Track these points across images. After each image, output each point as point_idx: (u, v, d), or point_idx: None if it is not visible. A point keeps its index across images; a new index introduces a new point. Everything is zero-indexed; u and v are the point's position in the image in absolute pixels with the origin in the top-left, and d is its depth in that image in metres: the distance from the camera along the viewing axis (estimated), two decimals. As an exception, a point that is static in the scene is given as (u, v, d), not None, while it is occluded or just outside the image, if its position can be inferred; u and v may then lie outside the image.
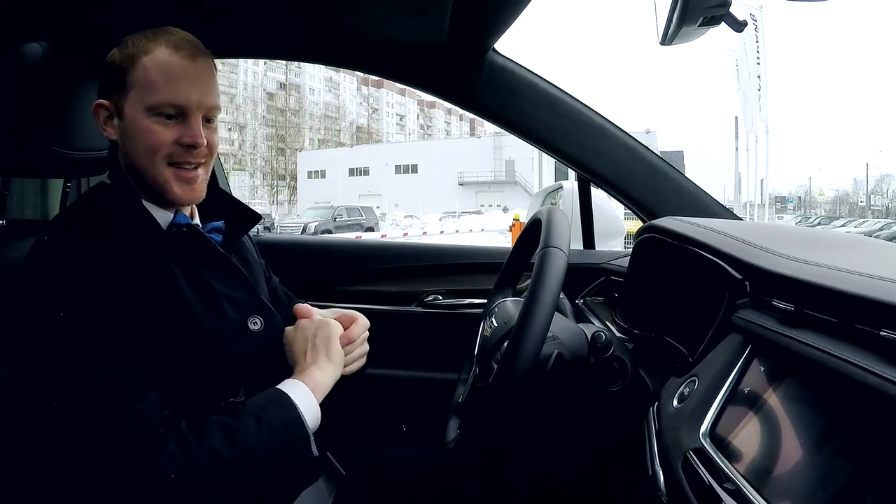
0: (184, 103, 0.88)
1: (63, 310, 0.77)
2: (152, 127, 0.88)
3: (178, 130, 0.89)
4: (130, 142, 0.89)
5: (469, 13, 1.22)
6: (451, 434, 1.08)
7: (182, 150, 0.89)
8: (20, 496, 0.86)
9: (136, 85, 0.88)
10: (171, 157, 0.89)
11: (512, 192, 42.71)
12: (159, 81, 0.87)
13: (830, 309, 0.62)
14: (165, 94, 0.87)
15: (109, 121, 0.91)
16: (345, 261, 1.81)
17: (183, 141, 0.89)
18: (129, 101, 0.88)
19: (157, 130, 0.88)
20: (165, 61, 0.88)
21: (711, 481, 0.62)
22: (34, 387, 0.79)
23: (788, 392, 0.64)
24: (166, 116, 0.88)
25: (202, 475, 0.76)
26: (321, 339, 0.95)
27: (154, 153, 0.88)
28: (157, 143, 0.88)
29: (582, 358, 0.97)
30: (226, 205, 1.04)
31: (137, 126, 0.88)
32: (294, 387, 0.88)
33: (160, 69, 0.87)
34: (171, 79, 0.87)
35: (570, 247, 0.91)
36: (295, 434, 0.84)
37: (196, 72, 0.89)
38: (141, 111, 0.88)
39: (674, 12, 0.72)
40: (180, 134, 0.89)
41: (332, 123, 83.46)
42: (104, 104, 0.91)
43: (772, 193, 39.40)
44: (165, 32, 0.90)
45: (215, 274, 0.93)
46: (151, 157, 0.89)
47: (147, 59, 0.87)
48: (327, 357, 0.94)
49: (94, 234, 0.83)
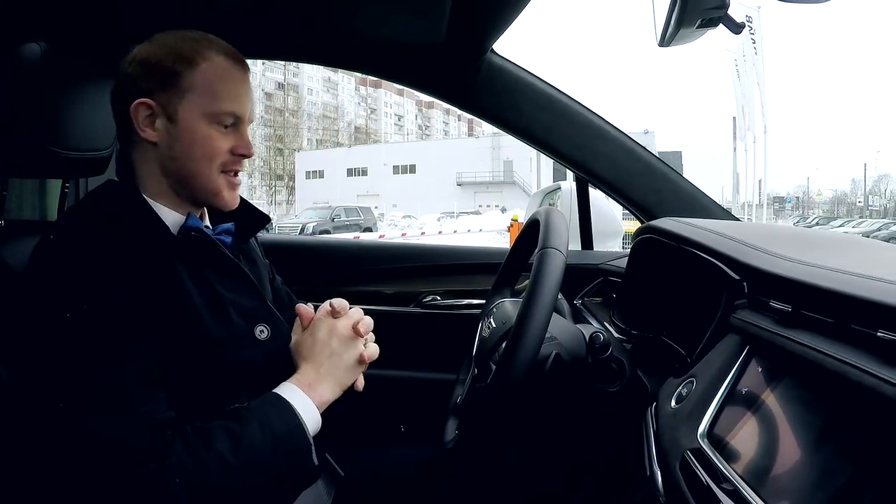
0: (241, 114, 0.91)
1: (69, 310, 0.76)
2: (212, 134, 0.89)
3: (233, 139, 0.91)
4: (183, 146, 0.88)
5: (467, 14, 1.22)
6: (450, 435, 1.08)
7: (234, 158, 0.92)
8: (22, 497, 0.86)
9: (196, 89, 0.87)
10: (225, 166, 0.91)
11: (510, 193, 42.74)
12: (222, 90, 0.89)
13: (828, 309, 0.62)
14: (228, 103, 0.89)
15: (150, 120, 0.89)
16: (343, 261, 1.81)
17: (238, 151, 0.91)
18: (186, 104, 0.88)
19: (217, 138, 0.89)
20: (227, 70, 0.89)
21: (709, 482, 0.62)
22: (38, 387, 0.78)
23: (786, 392, 0.65)
24: (224, 125, 0.90)
25: (207, 478, 0.76)
26: (331, 350, 0.93)
27: (211, 160, 0.89)
28: (215, 151, 0.89)
29: (580, 358, 0.97)
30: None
31: (196, 132, 0.88)
32: (297, 395, 0.87)
33: (222, 77, 0.89)
34: (234, 89, 0.90)
35: (568, 247, 0.91)
36: (297, 442, 0.84)
37: (247, 84, 0.93)
38: (199, 117, 0.88)
39: (672, 14, 0.72)
40: (235, 143, 0.91)
41: (330, 124, 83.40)
42: (148, 103, 0.88)
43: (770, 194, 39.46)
44: (209, 39, 0.91)
45: (224, 280, 0.92)
46: (208, 164, 0.90)
47: (207, 65, 0.88)
48: (335, 369, 0.93)
49: (101, 234, 0.82)
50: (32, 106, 0.99)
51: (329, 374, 0.92)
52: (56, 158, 1.02)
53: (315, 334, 0.94)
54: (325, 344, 0.93)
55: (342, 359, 0.93)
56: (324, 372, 0.91)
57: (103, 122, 1.08)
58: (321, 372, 0.91)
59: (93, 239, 0.81)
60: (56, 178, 1.40)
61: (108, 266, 0.79)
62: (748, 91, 17.38)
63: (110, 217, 0.86)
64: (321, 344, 0.93)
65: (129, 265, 0.81)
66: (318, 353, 0.93)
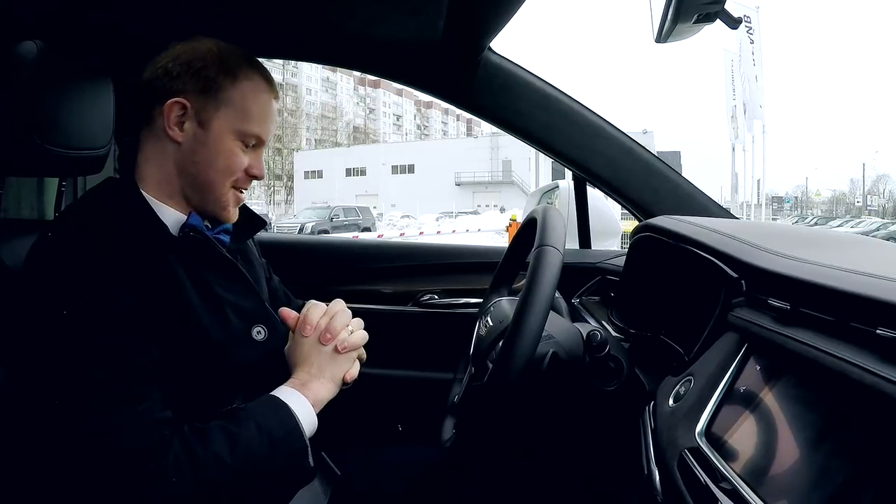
0: (265, 138, 0.95)
1: (66, 308, 0.76)
2: (236, 150, 0.92)
3: (250, 160, 0.94)
4: (206, 155, 0.90)
5: (465, 12, 1.22)
6: (447, 434, 1.08)
7: (246, 178, 0.95)
8: (22, 497, 0.85)
9: (233, 104, 0.90)
10: (237, 182, 0.94)
11: (509, 192, 42.78)
12: (257, 113, 0.92)
13: (826, 307, 0.62)
14: (258, 127, 0.93)
15: (180, 121, 0.90)
16: (341, 260, 1.81)
17: (252, 172, 0.94)
18: (221, 116, 0.90)
19: (239, 154, 0.92)
20: (264, 94, 0.93)
21: (707, 481, 0.62)
22: (35, 385, 0.78)
23: (785, 391, 0.64)
24: (247, 144, 0.93)
25: (204, 478, 0.75)
26: (319, 350, 0.93)
27: (229, 175, 0.92)
28: (235, 167, 0.92)
29: (577, 357, 0.97)
30: None
31: (222, 144, 0.90)
32: (294, 397, 0.87)
33: (259, 102, 0.93)
34: (265, 114, 0.93)
35: (565, 246, 0.91)
36: (293, 444, 0.83)
37: (274, 111, 0.97)
38: (229, 131, 0.90)
39: (668, 9, 0.72)
40: (251, 164, 0.94)
41: (328, 123, 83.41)
42: (184, 104, 0.89)
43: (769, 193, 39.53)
44: (251, 57, 0.94)
45: (221, 280, 0.92)
46: (224, 178, 0.92)
47: (249, 85, 0.91)
48: (330, 371, 0.92)
49: (99, 232, 0.82)
50: (29, 104, 0.98)
51: (320, 373, 0.91)
52: (53, 157, 1.01)
53: (304, 331, 0.94)
54: (311, 345, 0.93)
55: (329, 354, 0.93)
56: (315, 371, 0.91)
57: (100, 120, 1.08)
58: (312, 372, 0.91)
59: (91, 237, 0.81)
60: (53, 176, 1.40)
61: (106, 264, 0.79)
62: (747, 91, 17.40)
63: (109, 215, 0.85)
64: (307, 346, 0.93)
65: (127, 264, 0.81)
66: (308, 355, 0.92)
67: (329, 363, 0.92)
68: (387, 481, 1.21)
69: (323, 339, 0.93)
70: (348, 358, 0.95)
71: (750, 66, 17.06)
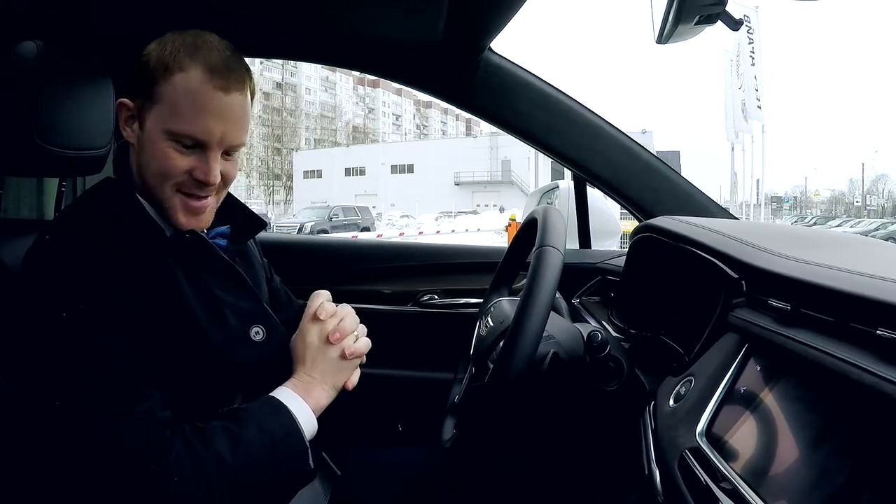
0: (204, 139, 0.84)
1: (66, 310, 0.76)
2: (168, 152, 0.84)
3: (194, 162, 0.85)
4: (144, 157, 0.86)
5: (465, 12, 1.22)
6: (447, 434, 1.08)
7: (193, 182, 0.86)
8: (22, 498, 0.85)
9: (163, 102, 0.83)
10: (181, 186, 0.86)
11: (508, 192, 42.75)
12: (185, 108, 0.82)
13: (827, 308, 0.62)
14: (189, 124, 0.83)
15: (130, 122, 0.88)
16: (340, 260, 1.81)
17: (196, 175, 0.85)
18: (152, 115, 0.84)
19: (173, 157, 0.84)
20: (196, 88, 0.82)
21: (708, 481, 0.62)
22: (35, 387, 0.78)
23: (785, 391, 0.64)
24: (184, 145, 0.84)
25: (206, 478, 0.75)
26: (324, 354, 0.93)
27: (165, 178, 0.85)
28: (170, 170, 0.84)
29: (578, 357, 0.97)
30: (232, 209, 1.00)
31: (154, 146, 0.84)
32: (295, 401, 0.87)
33: (189, 96, 0.82)
34: (198, 109, 0.82)
35: (566, 246, 0.91)
36: (294, 446, 0.83)
37: (225, 106, 0.84)
38: (160, 131, 0.83)
39: (670, 11, 0.72)
40: (194, 166, 0.85)
41: (328, 123, 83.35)
42: (127, 105, 0.87)
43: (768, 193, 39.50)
44: (207, 46, 0.84)
45: (219, 281, 0.91)
46: (161, 181, 0.85)
47: (180, 78, 0.82)
48: (332, 378, 0.92)
49: (97, 233, 0.82)
50: (29, 104, 0.98)
51: (323, 379, 0.91)
52: (52, 157, 1.01)
53: (305, 339, 0.94)
54: (317, 349, 0.93)
55: (333, 360, 0.92)
56: (318, 376, 0.91)
57: (100, 120, 1.08)
58: (315, 377, 0.91)
59: (88, 238, 0.81)
60: (53, 176, 1.39)
61: (104, 266, 0.79)
62: (746, 91, 17.39)
63: (106, 217, 0.85)
64: (313, 349, 0.93)
65: (125, 265, 0.80)
66: (311, 358, 0.92)
67: (333, 370, 0.92)
68: (387, 481, 1.20)
69: (332, 337, 0.92)
70: (351, 365, 0.95)
71: (749, 66, 17.05)
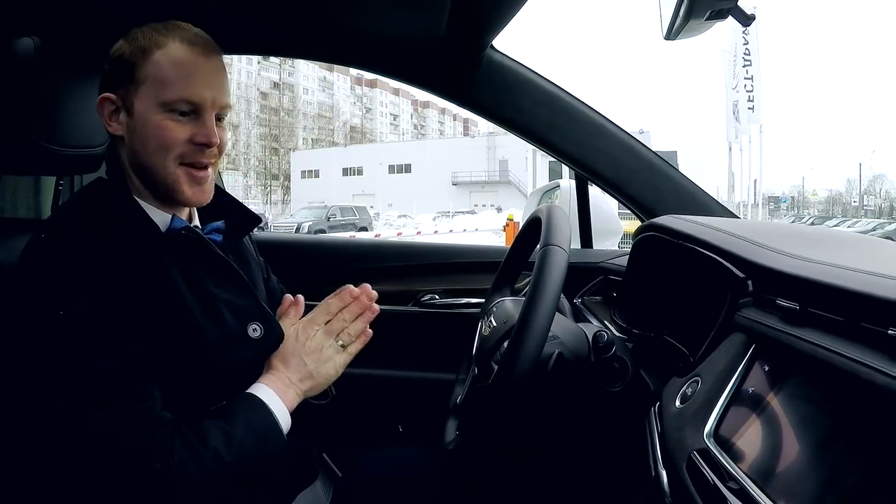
0: (199, 100, 0.86)
1: (64, 308, 0.75)
2: (165, 124, 0.85)
3: (192, 128, 0.87)
4: (140, 139, 0.87)
5: (467, 9, 1.21)
6: (450, 435, 1.07)
7: (195, 149, 0.87)
8: (24, 498, 0.85)
9: (148, 80, 0.85)
10: (184, 157, 0.87)
11: (506, 192, 42.81)
12: (174, 77, 0.85)
13: (836, 307, 0.62)
14: (180, 90, 0.85)
15: (115, 116, 0.89)
16: (339, 260, 1.80)
17: (197, 139, 0.87)
18: (140, 96, 0.86)
19: (171, 127, 0.86)
20: (180, 57, 0.85)
21: (716, 481, 0.61)
22: (35, 385, 0.77)
23: (793, 391, 0.64)
24: (180, 113, 0.86)
25: (208, 476, 0.76)
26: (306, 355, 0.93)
27: (167, 151, 0.86)
28: (170, 141, 0.86)
29: (582, 358, 0.96)
30: (226, 205, 1.01)
31: (149, 122, 0.85)
32: (270, 397, 0.87)
33: (175, 65, 0.85)
34: (186, 75, 0.85)
35: (570, 245, 0.90)
36: (274, 441, 0.84)
37: (211, 68, 0.88)
38: (153, 107, 0.85)
39: (680, 6, 0.71)
40: (194, 132, 0.87)
41: (325, 123, 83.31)
42: (110, 98, 0.88)
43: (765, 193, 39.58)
44: (177, 27, 0.88)
45: (215, 278, 0.91)
46: (163, 156, 0.86)
47: (160, 54, 0.85)
48: (308, 374, 0.92)
49: (91, 232, 0.81)
50: (26, 101, 0.97)
51: (301, 374, 0.92)
52: (50, 155, 1.00)
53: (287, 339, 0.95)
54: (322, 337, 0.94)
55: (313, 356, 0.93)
56: (293, 372, 0.92)
57: (97, 118, 1.07)
58: (291, 376, 0.91)
59: (84, 237, 0.81)
60: (50, 174, 1.39)
61: (101, 264, 0.79)
62: (743, 90, 17.42)
63: (100, 215, 0.85)
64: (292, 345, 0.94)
65: (121, 263, 0.80)
66: (290, 356, 0.93)
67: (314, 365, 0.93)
68: (388, 483, 1.20)
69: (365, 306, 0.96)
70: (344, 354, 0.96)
71: (742, 68, 17.09)
